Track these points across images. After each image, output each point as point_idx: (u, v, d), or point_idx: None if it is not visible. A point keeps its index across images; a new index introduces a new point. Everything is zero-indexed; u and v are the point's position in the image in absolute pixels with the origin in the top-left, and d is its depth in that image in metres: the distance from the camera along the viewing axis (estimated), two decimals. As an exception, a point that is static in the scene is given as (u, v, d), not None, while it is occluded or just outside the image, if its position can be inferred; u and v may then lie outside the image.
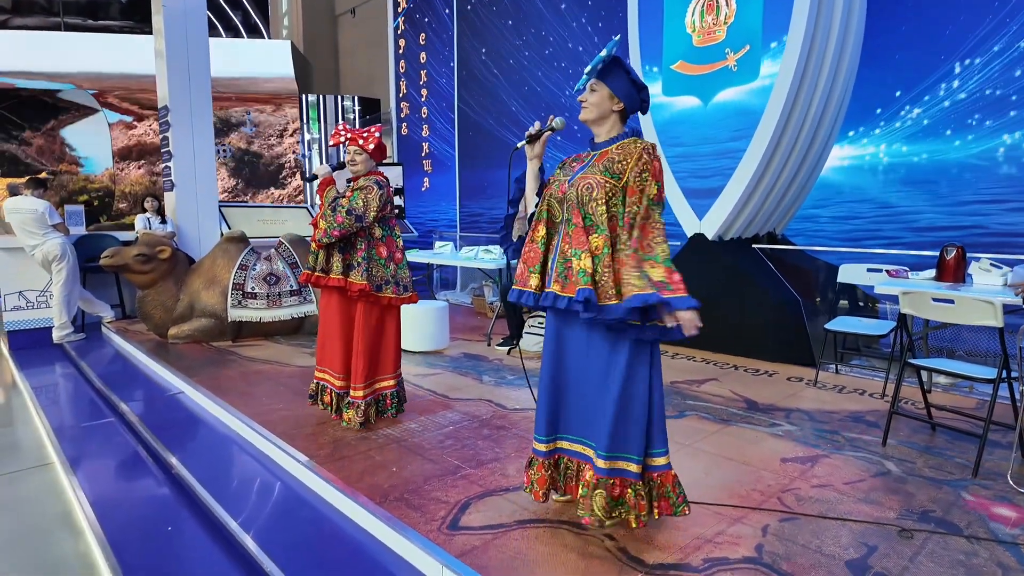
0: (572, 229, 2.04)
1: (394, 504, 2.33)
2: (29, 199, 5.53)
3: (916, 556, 1.97)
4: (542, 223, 2.13)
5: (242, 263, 5.36)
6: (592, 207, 2.01)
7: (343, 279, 3.05)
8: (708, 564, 1.93)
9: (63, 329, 5.75)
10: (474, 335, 5.60)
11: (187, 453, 3.08)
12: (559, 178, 2.15)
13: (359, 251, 3.05)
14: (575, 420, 2.15)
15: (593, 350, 2.07)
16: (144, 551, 2.27)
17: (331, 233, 2.99)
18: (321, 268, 3.11)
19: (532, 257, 2.13)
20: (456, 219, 9.09)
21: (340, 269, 3.06)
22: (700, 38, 4.84)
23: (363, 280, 3.01)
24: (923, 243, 4.50)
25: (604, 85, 2.08)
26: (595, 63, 2.09)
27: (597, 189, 2.00)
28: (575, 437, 2.17)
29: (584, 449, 2.14)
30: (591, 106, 2.10)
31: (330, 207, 3.05)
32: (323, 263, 3.11)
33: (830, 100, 4.49)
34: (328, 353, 3.23)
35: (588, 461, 2.11)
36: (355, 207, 2.99)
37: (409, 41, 9.81)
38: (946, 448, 2.89)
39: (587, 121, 2.13)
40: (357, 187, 3.06)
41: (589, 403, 2.10)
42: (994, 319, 2.60)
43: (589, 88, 2.11)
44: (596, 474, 2.03)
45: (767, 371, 4.29)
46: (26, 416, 4.06)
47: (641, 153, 2.00)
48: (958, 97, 4.37)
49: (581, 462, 2.15)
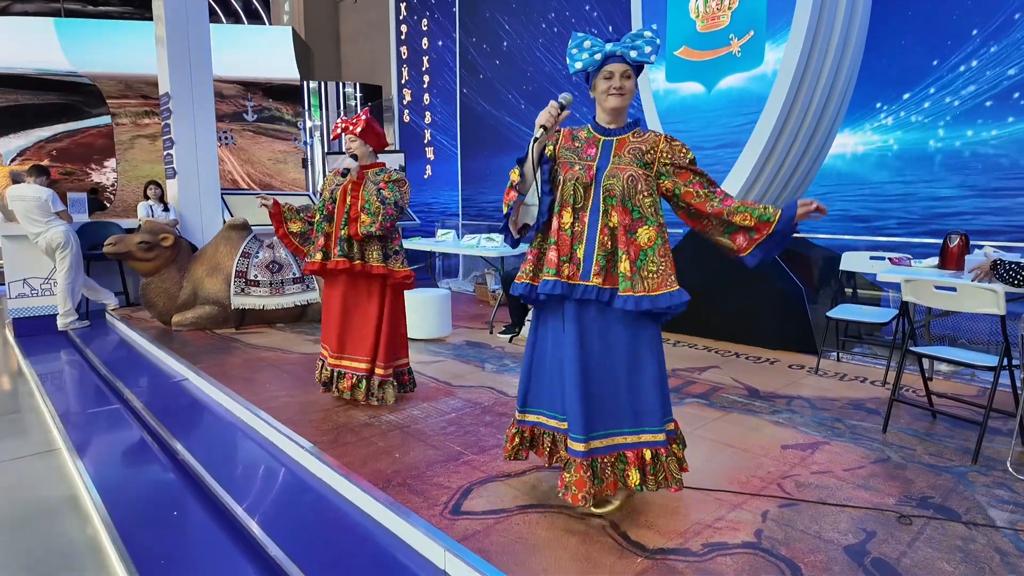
0: (616, 225, 2.02)
1: (397, 489, 2.35)
2: (32, 186, 5.54)
3: (914, 542, 1.99)
4: (568, 208, 2.06)
5: (245, 251, 5.37)
6: (639, 200, 2.02)
7: (385, 267, 3.17)
8: (708, 549, 1.95)
9: (67, 316, 5.78)
10: (476, 323, 5.62)
11: (192, 439, 3.11)
12: (571, 159, 2.10)
13: (395, 240, 3.24)
14: (608, 414, 2.10)
15: (617, 338, 2.08)
16: (151, 535, 2.30)
17: (384, 225, 3.09)
18: (359, 256, 3.16)
19: (563, 246, 2.05)
20: (458, 207, 9.07)
21: (380, 258, 3.17)
22: (704, 24, 4.80)
23: (406, 267, 3.23)
24: (930, 230, 4.49)
25: (634, 74, 2.07)
26: (644, 48, 2.00)
27: (642, 182, 2.02)
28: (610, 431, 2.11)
29: (623, 439, 2.11)
30: (628, 94, 2.06)
31: (379, 199, 3.09)
32: (358, 252, 3.16)
33: (834, 86, 4.45)
34: (351, 338, 3.26)
35: (637, 447, 2.10)
36: (398, 199, 3.15)
37: (411, 27, 9.73)
38: (946, 435, 2.90)
39: (619, 109, 2.07)
40: (392, 180, 3.19)
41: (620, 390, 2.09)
42: (996, 307, 2.60)
43: (625, 75, 2.03)
44: (661, 448, 2.09)
45: (769, 359, 4.30)
46: (32, 402, 4.10)
47: (666, 140, 2.09)
48: (965, 83, 4.33)
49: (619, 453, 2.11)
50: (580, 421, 2.04)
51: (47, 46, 9.44)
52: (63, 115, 9.40)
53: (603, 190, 2.03)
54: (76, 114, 9.47)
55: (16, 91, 9.17)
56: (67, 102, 9.40)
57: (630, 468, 2.10)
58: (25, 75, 9.19)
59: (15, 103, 9.16)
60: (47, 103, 9.30)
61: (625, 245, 2.00)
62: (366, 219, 3.06)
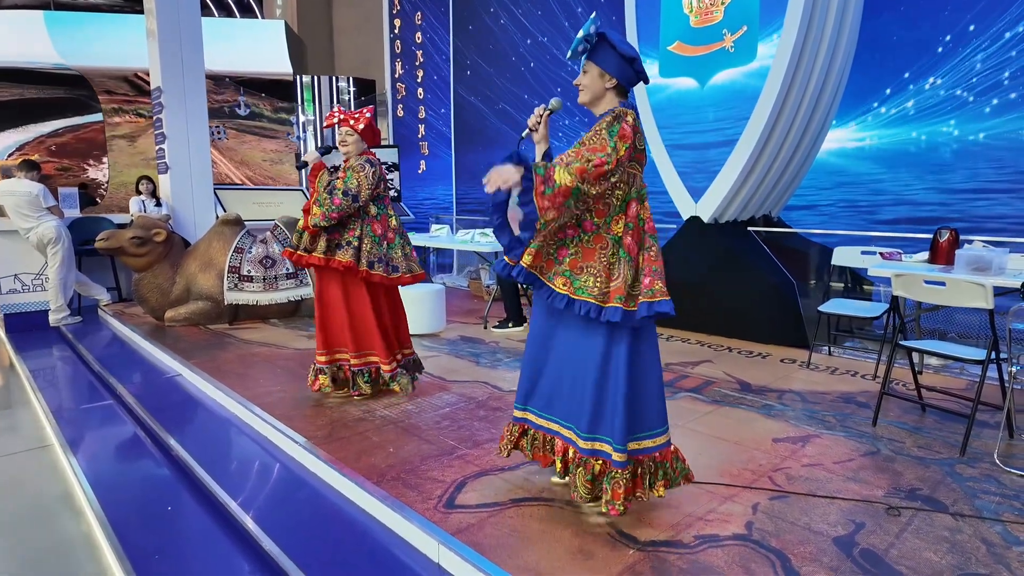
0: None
1: (391, 483, 2.36)
2: (23, 181, 5.50)
3: (902, 533, 2.02)
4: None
5: (238, 246, 5.35)
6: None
7: (323, 258, 3.09)
8: (699, 541, 1.97)
9: (59, 312, 5.75)
10: (470, 318, 5.62)
11: (186, 435, 3.11)
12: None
13: (350, 231, 3.12)
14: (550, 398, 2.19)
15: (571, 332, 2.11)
16: (145, 531, 2.30)
17: (330, 216, 3.02)
18: (304, 247, 3.14)
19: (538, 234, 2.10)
20: (452, 202, 9.06)
21: (323, 248, 3.10)
22: (697, 19, 4.80)
23: (349, 258, 3.08)
24: (920, 226, 4.52)
25: (593, 64, 2.05)
26: (575, 45, 2.05)
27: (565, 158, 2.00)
28: (549, 416, 2.21)
29: (561, 429, 2.18)
30: (585, 88, 2.08)
31: (327, 191, 3.06)
32: (307, 242, 3.14)
33: (827, 82, 4.47)
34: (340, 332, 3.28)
35: (568, 441, 2.15)
36: (350, 187, 3.04)
37: (405, 21, 9.69)
38: (935, 428, 2.94)
39: (585, 104, 2.11)
40: (349, 167, 3.11)
41: (567, 383, 2.12)
42: (984, 301, 2.63)
43: (582, 71, 2.09)
44: (578, 452, 2.10)
45: (761, 353, 4.32)
46: (24, 398, 4.08)
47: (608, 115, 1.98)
48: (957, 79, 4.35)
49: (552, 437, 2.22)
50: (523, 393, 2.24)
51: (37, 39, 9.36)
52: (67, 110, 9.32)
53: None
54: (81, 109, 9.39)
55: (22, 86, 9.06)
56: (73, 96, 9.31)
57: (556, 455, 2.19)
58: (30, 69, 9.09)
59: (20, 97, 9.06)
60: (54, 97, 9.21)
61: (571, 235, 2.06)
62: (316, 211, 3.05)
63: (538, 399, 2.23)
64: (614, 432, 2.01)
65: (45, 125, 9.23)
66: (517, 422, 2.30)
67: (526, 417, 2.28)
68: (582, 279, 1.99)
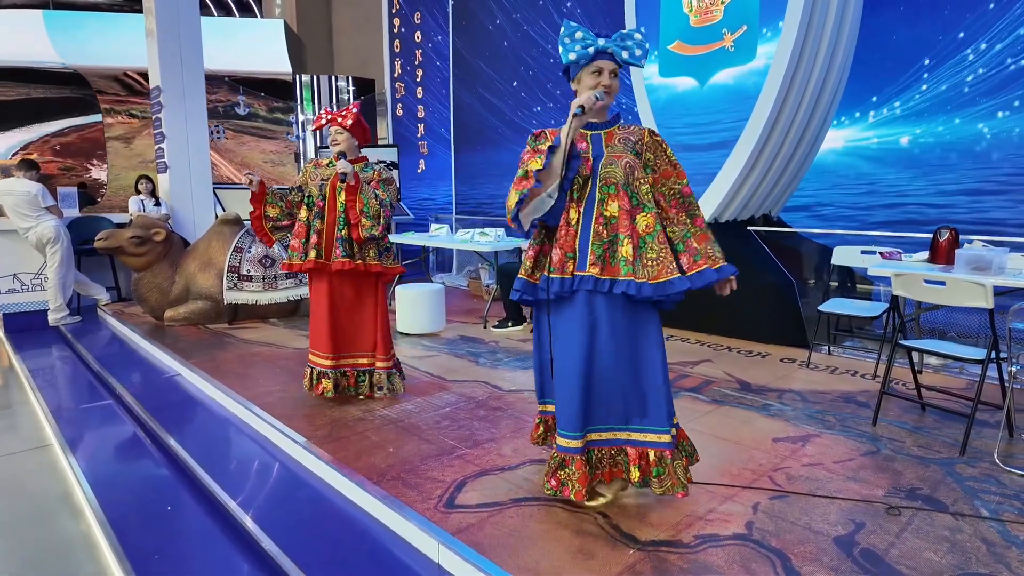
0: (616, 211, 2.01)
1: (391, 483, 2.36)
2: (22, 181, 5.49)
3: (902, 532, 2.01)
4: (574, 204, 2.06)
5: (237, 245, 5.34)
6: (637, 186, 2.04)
7: (380, 264, 3.20)
8: (699, 541, 1.97)
9: (59, 312, 5.75)
10: (470, 317, 5.62)
11: (185, 434, 3.10)
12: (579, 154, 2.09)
13: (385, 237, 3.24)
14: (613, 408, 2.10)
15: (623, 330, 2.06)
16: (145, 531, 2.30)
17: (382, 228, 3.15)
18: (360, 256, 3.17)
19: (569, 243, 2.05)
20: (452, 201, 9.05)
21: (375, 256, 3.20)
22: (697, 18, 4.80)
23: (398, 264, 3.29)
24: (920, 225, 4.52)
25: (619, 71, 2.07)
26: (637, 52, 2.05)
27: (638, 169, 2.05)
28: (613, 426, 2.12)
29: (629, 435, 2.11)
30: (614, 93, 2.08)
31: (378, 203, 3.12)
32: (358, 252, 3.17)
33: (827, 81, 4.47)
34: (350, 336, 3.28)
35: (643, 446, 2.09)
36: (385, 199, 3.16)
37: (404, 20, 9.68)
38: (935, 428, 2.93)
39: (605, 108, 2.09)
40: (383, 179, 3.22)
41: (627, 385, 2.08)
42: (984, 300, 2.62)
43: (614, 74, 2.05)
44: (666, 450, 2.07)
45: (760, 352, 4.32)
46: (23, 398, 4.08)
47: (651, 135, 2.12)
48: (957, 78, 4.35)
49: (621, 448, 2.14)
50: (578, 417, 2.05)
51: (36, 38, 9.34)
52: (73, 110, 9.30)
53: (600, 179, 2.04)
54: (86, 108, 9.37)
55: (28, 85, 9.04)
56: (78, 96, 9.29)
57: (632, 465, 2.11)
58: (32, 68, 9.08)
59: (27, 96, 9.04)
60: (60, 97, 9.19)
61: (628, 230, 2.00)
62: (366, 223, 3.10)
63: (597, 415, 2.10)
64: (671, 416, 2.09)
65: (50, 125, 9.22)
66: (575, 453, 2.05)
67: (590, 439, 2.10)
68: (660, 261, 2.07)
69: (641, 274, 1.99)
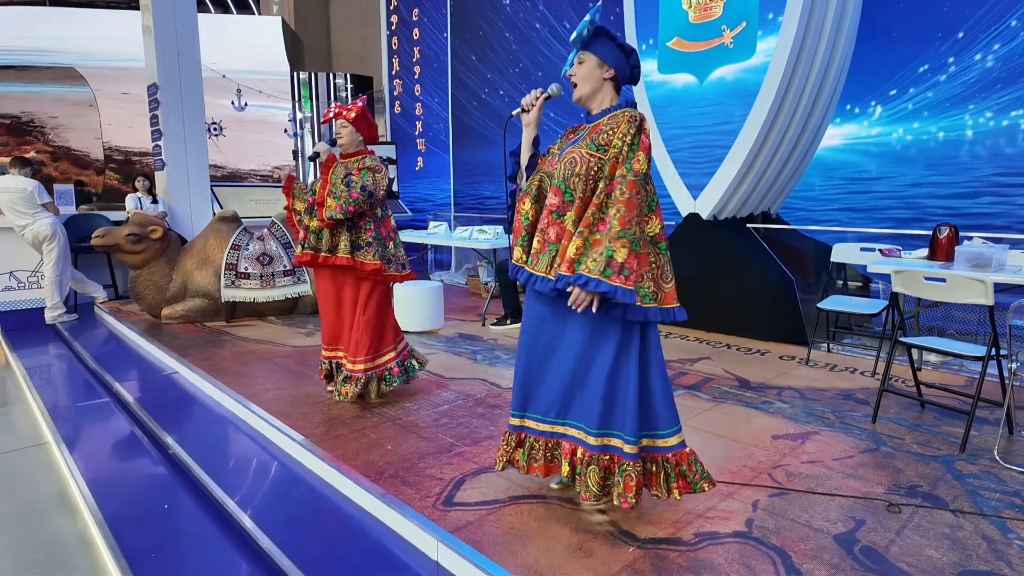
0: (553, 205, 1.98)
1: (389, 481, 2.35)
2: (18, 178, 5.46)
3: (902, 530, 2.01)
4: (529, 196, 2.07)
5: (235, 243, 5.33)
6: (574, 182, 1.94)
7: (351, 258, 3.06)
8: (699, 538, 1.96)
9: (55, 310, 5.73)
10: (469, 315, 5.61)
11: (183, 432, 3.09)
12: (553, 151, 2.10)
13: (367, 231, 3.10)
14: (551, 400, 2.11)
15: (572, 329, 2.04)
16: (142, 529, 2.29)
17: (346, 209, 2.97)
18: (328, 248, 3.09)
19: (516, 229, 2.11)
20: (450, 199, 9.04)
21: (347, 249, 3.06)
22: (696, 15, 4.78)
23: (375, 260, 3.06)
24: (920, 222, 4.51)
25: (591, 54, 2.00)
26: (580, 31, 1.98)
27: (580, 164, 1.93)
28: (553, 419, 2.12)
29: (565, 429, 2.11)
30: (581, 80, 2.02)
31: (344, 183, 3.02)
32: (328, 242, 3.09)
33: (826, 77, 4.46)
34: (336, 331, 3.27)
35: (576, 442, 2.08)
36: (367, 184, 3.01)
37: (402, 17, 9.65)
38: (934, 425, 2.93)
39: (581, 98, 2.04)
40: (365, 166, 3.09)
41: (567, 382, 2.06)
42: (984, 297, 2.62)
43: (576, 61, 2.02)
44: (588, 451, 2.03)
45: (760, 350, 4.32)
46: (20, 396, 4.06)
47: (628, 122, 1.90)
48: (957, 75, 4.34)
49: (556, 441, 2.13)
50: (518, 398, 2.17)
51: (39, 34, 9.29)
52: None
53: (553, 175, 2.02)
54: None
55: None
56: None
57: (564, 458, 2.10)
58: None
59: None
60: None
61: (546, 224, 1.99)
62: (331, 203, 2.98)
63: (538, 403, 2.14)
64: (625, 426, 1.98)
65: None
66: (514, 431, 2.19)
67: (524, 425, 2.17)
68: (644, 284, 1.94)
69: (540, 268, 2.00)
